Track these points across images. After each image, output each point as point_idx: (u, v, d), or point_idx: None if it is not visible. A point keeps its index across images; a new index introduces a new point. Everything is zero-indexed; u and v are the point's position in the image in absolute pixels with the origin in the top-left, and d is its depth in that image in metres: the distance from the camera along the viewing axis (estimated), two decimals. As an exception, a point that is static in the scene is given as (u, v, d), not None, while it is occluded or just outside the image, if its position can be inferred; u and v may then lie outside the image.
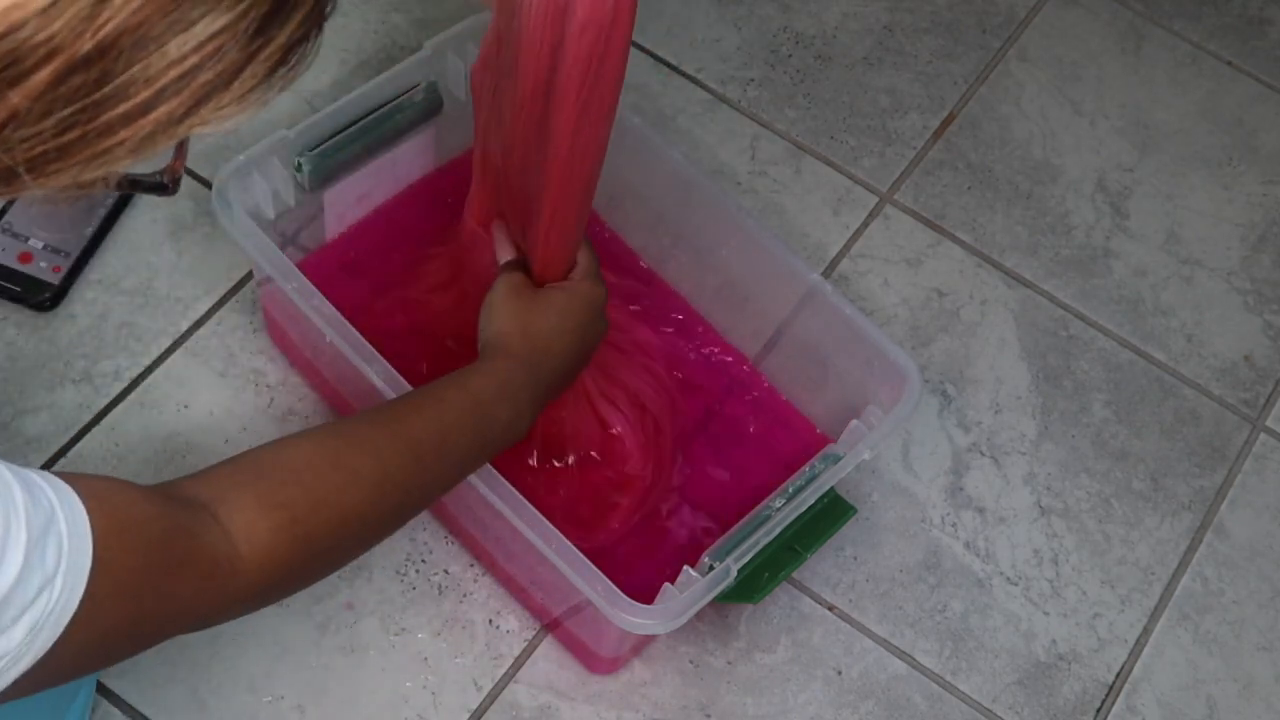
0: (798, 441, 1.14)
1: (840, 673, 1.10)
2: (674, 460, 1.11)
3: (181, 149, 0.59)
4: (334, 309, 1.00)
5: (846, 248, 1.31)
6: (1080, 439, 1.24)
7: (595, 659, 1.05)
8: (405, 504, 0.85)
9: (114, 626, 0.65)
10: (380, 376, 0.98)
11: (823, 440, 1.14)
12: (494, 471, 0.95)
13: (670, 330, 1.18)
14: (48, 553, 0.60)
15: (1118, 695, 1.13)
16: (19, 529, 0.58)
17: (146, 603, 0.67)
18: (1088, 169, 1.39)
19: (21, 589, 0.58)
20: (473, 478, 0.95)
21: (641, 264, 1.21)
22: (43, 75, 0.47)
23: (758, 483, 1.11)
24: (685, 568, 0.96)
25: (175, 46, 0.48)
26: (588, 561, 0.94)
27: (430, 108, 1.15)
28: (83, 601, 0.62)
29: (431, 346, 1.11)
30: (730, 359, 1.18)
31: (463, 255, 1.09)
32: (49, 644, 0.61)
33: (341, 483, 0.79)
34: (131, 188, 0.59)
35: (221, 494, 0.74)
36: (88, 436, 1.10)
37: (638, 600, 0.93)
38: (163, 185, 0.60)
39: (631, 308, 1.17)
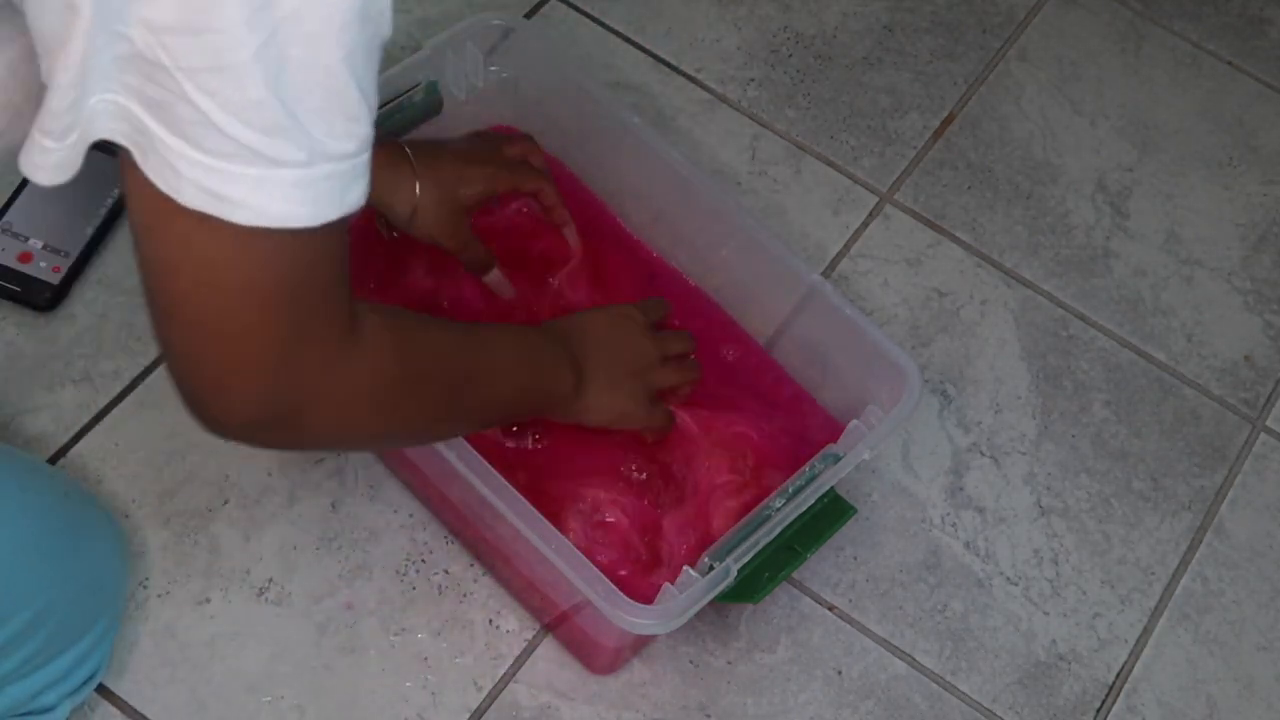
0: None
1: (840, 673, 1.10)
2: None
3: None
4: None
5: (846, 248, 1.31)
6: (1080, 439, 1.24)
7: (595, 659, 1.05)
8: (468, 389, 0.89)
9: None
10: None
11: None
12: (493, 471, 0.95)
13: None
14: None
15: (1118, 695, 1.13)
16: None
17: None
18: (1088, 169, 1.39)
19: None
20: (474, 478, 0.95)
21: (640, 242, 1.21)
22: None
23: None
24: (685, 568, 0.96)
25: None
26: (588, 561, 0.94)
27: (430, 108, 1.15)
28: None
29: None
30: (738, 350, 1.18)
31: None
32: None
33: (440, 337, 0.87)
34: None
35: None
36: (88, 436, 1.10)
37: (638, 600, 0.93)
38: None
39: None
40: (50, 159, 0.63)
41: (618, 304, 1.10)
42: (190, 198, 0.63)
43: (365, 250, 1.15)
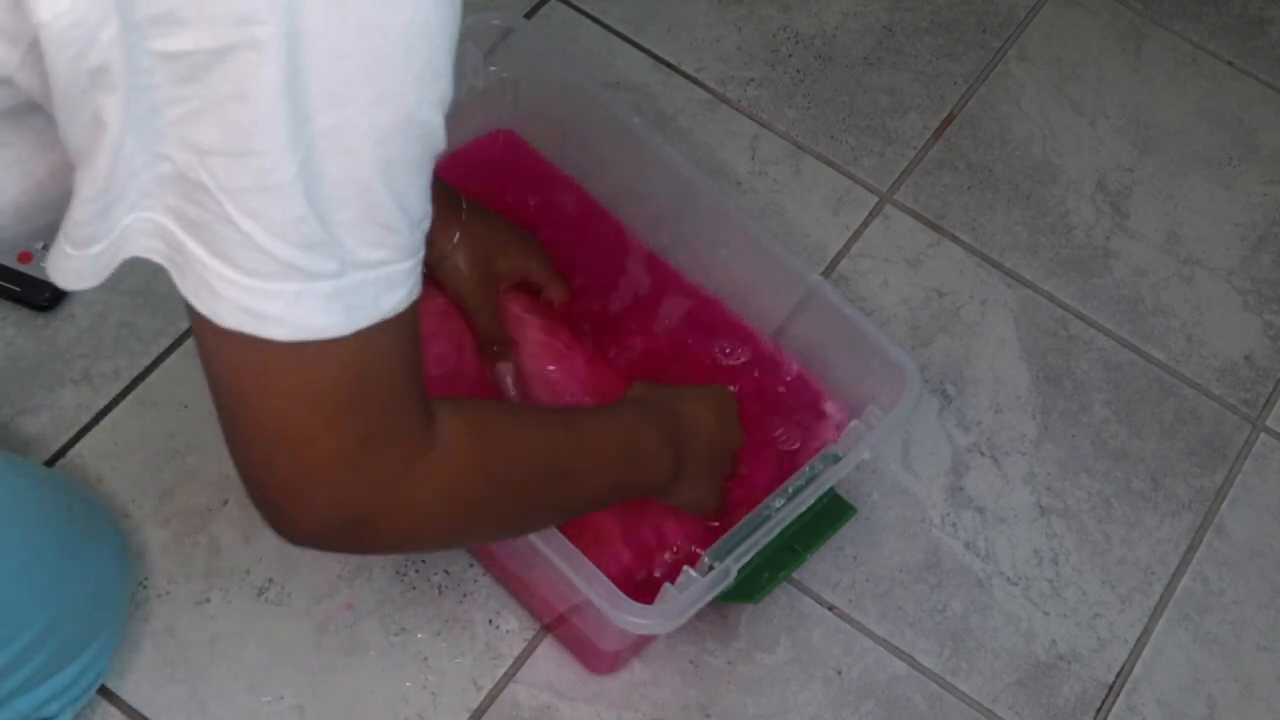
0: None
1: (840, 673, 1.10)
2: None
3: None
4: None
5: (846, 248, 1.31)
6: (1080, 439, 1.24)
7: (595, 659, 1.05)
8: (557, 488, 0.87)
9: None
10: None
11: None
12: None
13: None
14: None
15: (1118, 695, 1.13)
16: None
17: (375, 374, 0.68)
18: (1088, 169, 1.39)
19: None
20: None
21: (649, 251, 1.21)
22: None
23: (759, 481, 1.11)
24: (685, 568, 0.96)
25: None
26: (588, 561, 0.94)
27: (430, 108, 1.15)
28: None
29: None
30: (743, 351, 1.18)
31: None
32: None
33: (523, 432, 0.84)
34: None
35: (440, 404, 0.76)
36: (88, 436, 1.10)
37: (638, 600, 0.93)
38: None
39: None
40: (70, 265, 0.63)
41: (718, 387, 1.08)
42: (229, 318, 0.62)
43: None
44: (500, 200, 1.18)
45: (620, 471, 0.92)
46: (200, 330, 0.65)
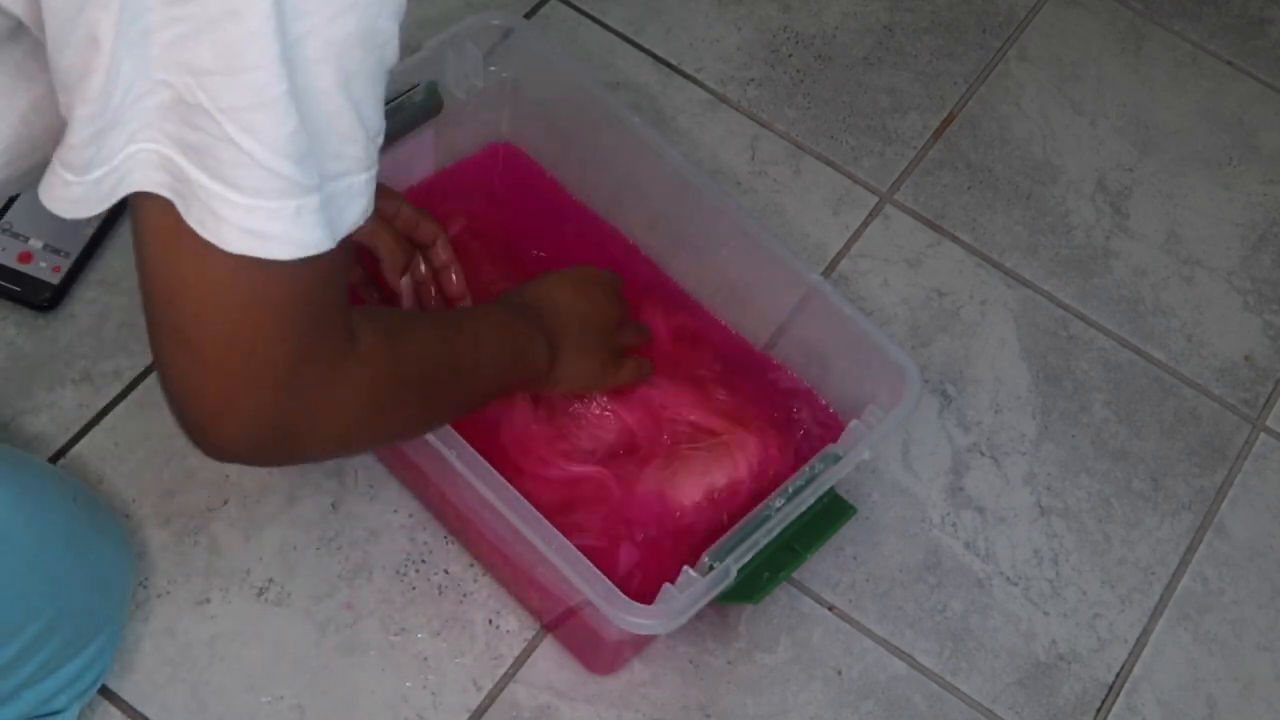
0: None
1: (840, 673, 1.10)
2: None
3: None
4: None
5: (846, 248, 1.31)
6: (1080, 439, 1.24)
7: (595, 659, 1.05)
8: (456, 383, 0.90)
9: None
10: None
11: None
12: (494, 472, 0.95)
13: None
14: None
15: (1118, 695, 1.13)
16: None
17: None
18: (1088, 169, 1.39)
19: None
20: (474, 479, 0.95)
21: (642, 254, 1.21)
22: None
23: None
24: (685, 568, 0.96)
25: None
26: (588, 561, 0.94)
27: (430, 108, 1.15)
28: None
29: None
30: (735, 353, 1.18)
31: None
32: None
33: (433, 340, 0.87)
34: None
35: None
36: (88, 436, 1.10)
37: (638, 600, 0.93)
38: None
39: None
40: (71, 192, 0.64)
41: (579, 266, 1.09)
42: (233, 242, 0.63)
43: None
44: (500, 214, 1.19)
45: (504, 363, 0.95)
46: (166, 249, 0.65)
